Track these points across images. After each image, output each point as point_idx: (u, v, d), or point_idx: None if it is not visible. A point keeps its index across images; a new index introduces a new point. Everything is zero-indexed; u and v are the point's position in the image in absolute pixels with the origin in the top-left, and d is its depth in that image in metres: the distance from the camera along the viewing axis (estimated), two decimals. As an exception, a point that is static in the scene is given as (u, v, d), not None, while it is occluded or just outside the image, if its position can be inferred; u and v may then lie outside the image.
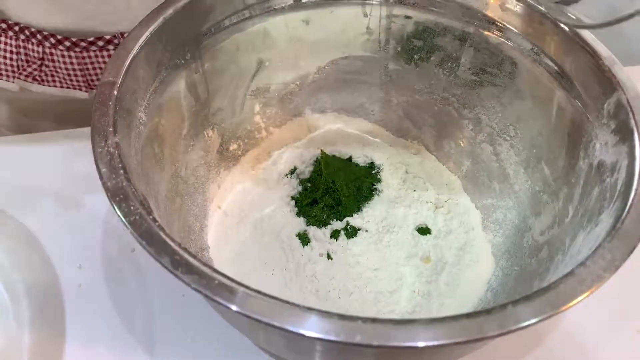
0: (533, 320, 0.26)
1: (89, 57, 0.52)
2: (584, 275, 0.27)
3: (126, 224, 0.27)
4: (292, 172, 0.50)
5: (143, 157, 0.36)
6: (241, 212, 0.47)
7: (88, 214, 0.49)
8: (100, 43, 0.52)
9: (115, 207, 0.28)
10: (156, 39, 0.38)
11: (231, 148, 0.50)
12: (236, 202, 0.48)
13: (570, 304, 0.26)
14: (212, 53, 0.44)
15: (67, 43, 0.51)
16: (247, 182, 0.49)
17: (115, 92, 0.33)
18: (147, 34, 0.38)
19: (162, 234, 0.27)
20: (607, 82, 0.37)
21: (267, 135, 0.52)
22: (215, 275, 0.26)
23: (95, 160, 0.30)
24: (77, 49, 0.51)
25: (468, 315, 0.25)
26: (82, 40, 0.51)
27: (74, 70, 0.53)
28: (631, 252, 0.28)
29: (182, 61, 0.41)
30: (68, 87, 0.55)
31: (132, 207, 0.28)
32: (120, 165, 0.30)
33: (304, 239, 0.45)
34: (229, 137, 0.49)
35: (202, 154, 0.46)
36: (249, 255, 0.44)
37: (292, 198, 0.48)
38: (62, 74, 0.54)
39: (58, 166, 0.52)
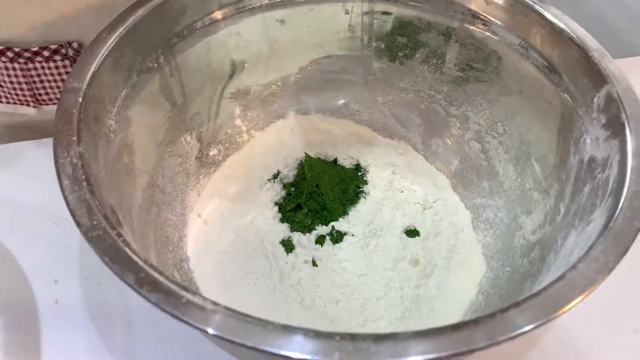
0: (523, 330, 0.24)
1: (35, 68, 0.48)
2: (576, 279, 0.26)
3: (87, 239, 0.25)
4: (276, 176, 0.49)
5: (114, 166, 0.34)
6: (222, 220, 0.45)
7: (64, 226, 0.47)
8: (46, 53, 0.47)
9: (77, 222, 0.26)
10: (126, 42, 0.37)
11: (211, 153, 0.48)
12: (217, 210, 0.46)
13: (562, 311, 0.25)
14: (186, 56, 0.42)
15: (9, 54, 0.46)
16: (229, 188, 0.48)
17: (80, 99, 0.32)
18: (115, 36, 0.36)
19: (127, 249, 0.25)
20: (597, 75, 0.36)
21: (249, 139, 0.51)
22: (183, 292, 0.24)
23: (57, 172, 0.28)
24: (21, 60, 0.47)
25: (454, 327, 0.24)
26: (26, 50, 0.46)
27: (19, 83, 0.49)
28: (625, 253, 0.27)
29: (155, 65, 0.40)
30: (15, 103, 0.50)
31: (95, 222, 0.26)
32: (83, 177, 0.28)
33: (288, 245, 0.44)
34: (208, 142, 0.48)
35: (180, 161, 0.45)
36: (231, 264, 0.43)
37: (276, 204, 0.47)
38: (7, 88, 0.49)
39: (31, 177, 0.50)
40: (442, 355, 0.23)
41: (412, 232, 0.46)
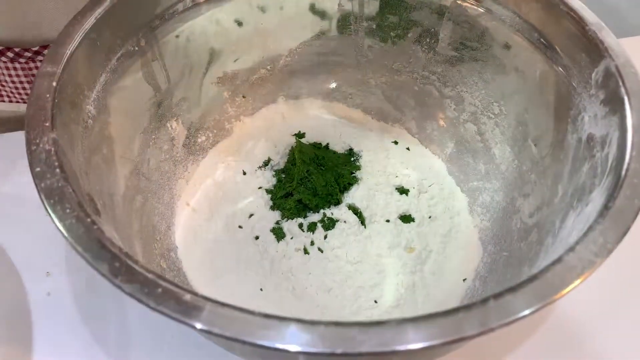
0: (518, 315, 0.23)
1: (36, 67, 0.47)
2: (573, 261, 0.25)
3: (60, 227, 0.24)
4: (266, 163, 0.48)
5: (93, 153, 0.33)
6: (211, 209, 0.44)
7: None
8: (47, 52, 0.47)
9: (49, 210, 0.25)
10: (103, 24, 0.35)
11: (199, 140, 0.47)
12: (206, 198, 0.45)
13: (559, 295, 0.24)
14: (169, 39, 0.41)
15: (9, 54, 0.46)
16: (217, 176, 0.46)
17: (54, 84, 0.30)
18: (92, 18, 0.34)
19: (101, 238, 0.24)
20: (595, 49, 0.34)
21: (238, 124, 0.49)
22: (160, 282, 0.23)
23: (29, 159, 0.27)
24: (22, 60, 0.47)
25: (445, 314, 0.23)
26: (27, 50, 0.46)
27: (20, 82, 0.48)
28: (625, 233, 0.26)
29: (136, 48, 0.38)
30: (17, 102, 0.50)
31: (67, 210, 0.25)
32: (56, 164, 0.27)
33: (278, 233, 0.43)
34: (196, 128, 0.46)
35: (167, 148, 0.43)
36: (220, 253, 0.42)
37: (266, 191, 0.46)
38: (9, 87, 0.49)
39: (20, 168, 0.48)
40: (433, 343, 0.22)
41: (406, 218, 0.44)
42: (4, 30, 0.45)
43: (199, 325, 0.22)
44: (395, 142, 0.50)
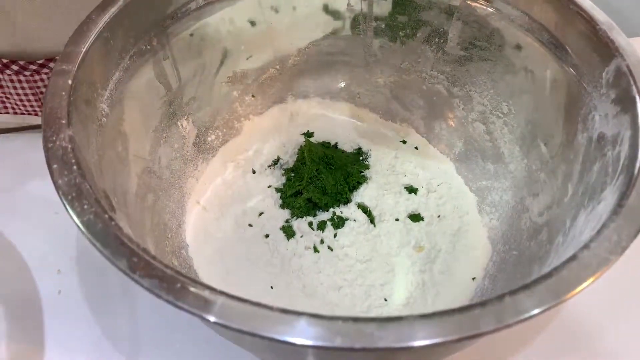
0: (534, 312, 0.23)
1: (41, 79, 0.47)
2: (588, 259, 0.25)
3: (78, 224, 0.24)
4: (275, 162, 0.48)
5: (107, 151, 0.33)
6: (221, 207, 0.44)
7: (65, 215, 0.46)
8: (52, 65, 0.46)
9: (67, 206, 0.25)
10: (116, 23, 0.35)
11: (209, 139, 0.47)
12: (216, 197, 0.45)
13: (575, 292, 0.24)
14: (180, 38, 0.41)
15: (14, 67, 0.46)
16: (227, 174, 0.47)
17: (70, 82, 0.31)
18: (106, 17, 0.35)
19: (119, 234, 0.24)
20: (605, 49, 0.34)
21: (248, 124, 0.49)
22: (178, 277, 0.23)
23: (46, 156, 0.27)
24: (27, 72, 0.46)
25: (461, 310, 0.23)
26: (32, 63, 0.46)
27: (25, 95, 0.48)
28: (639, 230, 0.26)
29: (148, 47, 0.39)
30: (22, 114, 0.50)
31: (85, 206, 0.25)
32: (73, 161, 0.27)
33: (288, 232, 0.43)
34: (206, 127, 0.46)
35: (177, 147, 0.44)
36: (231, 251, 0.42)
37: (276, 189, 0.46)
38: (14, 99, 0.49)
39: (31, 167, 0.49)
40: (449, 339, 0.22)
41: (416, 217, 0.44)
42: (6, 44, 0.45)
43: (217, 320, 0.22)
44: (404, 142, 0.50)
